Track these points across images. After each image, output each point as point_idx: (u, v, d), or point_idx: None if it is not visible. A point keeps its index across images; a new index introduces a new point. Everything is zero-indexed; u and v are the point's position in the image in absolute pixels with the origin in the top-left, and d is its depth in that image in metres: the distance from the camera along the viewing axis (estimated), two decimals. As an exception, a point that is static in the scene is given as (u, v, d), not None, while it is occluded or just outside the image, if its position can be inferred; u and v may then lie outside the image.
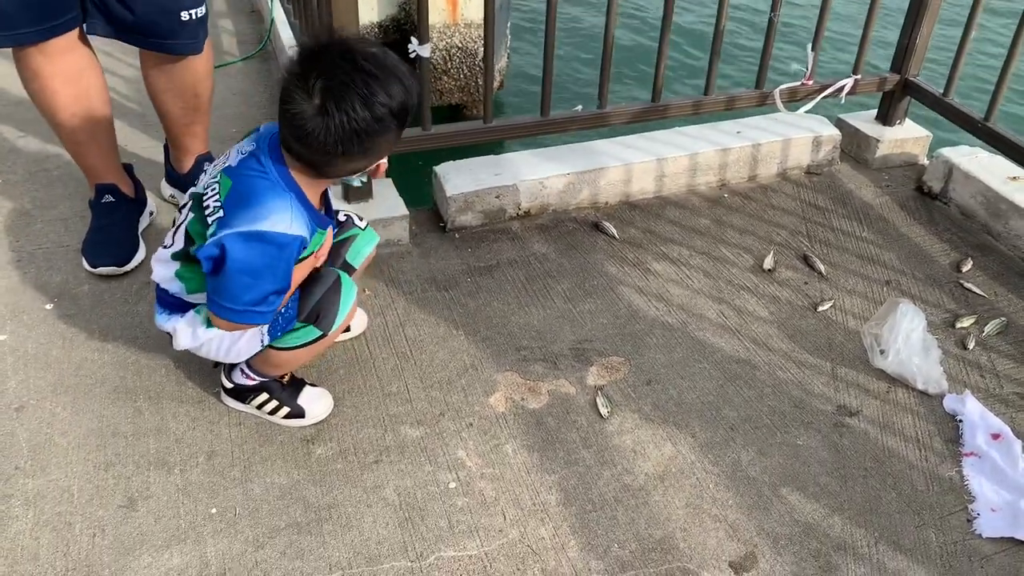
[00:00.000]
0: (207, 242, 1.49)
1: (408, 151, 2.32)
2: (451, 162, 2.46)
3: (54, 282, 2.11)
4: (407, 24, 5.60)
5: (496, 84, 5.72)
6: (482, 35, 5.25)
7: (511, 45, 6.15)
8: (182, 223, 1.60)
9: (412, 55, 2.15)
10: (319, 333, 1.64)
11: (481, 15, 5.36)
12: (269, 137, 1.52)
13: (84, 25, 1.95)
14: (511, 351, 1.99)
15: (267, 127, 1.56)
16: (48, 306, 2.03)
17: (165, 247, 1.65)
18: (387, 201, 2.30)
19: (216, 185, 1.52)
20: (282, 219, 1.48)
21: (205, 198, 1.53)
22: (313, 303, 1.62)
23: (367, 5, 5.33)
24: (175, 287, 1.65)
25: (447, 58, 5.46)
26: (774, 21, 2.46)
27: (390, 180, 2.39)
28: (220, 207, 1.49)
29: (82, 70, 2.02)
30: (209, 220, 1.50)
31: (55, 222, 2.31)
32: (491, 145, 2.61)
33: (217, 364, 1.78)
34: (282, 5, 3.05)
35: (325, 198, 1.66)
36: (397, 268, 2.23)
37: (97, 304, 2.04)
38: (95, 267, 2.10)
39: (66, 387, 1.81)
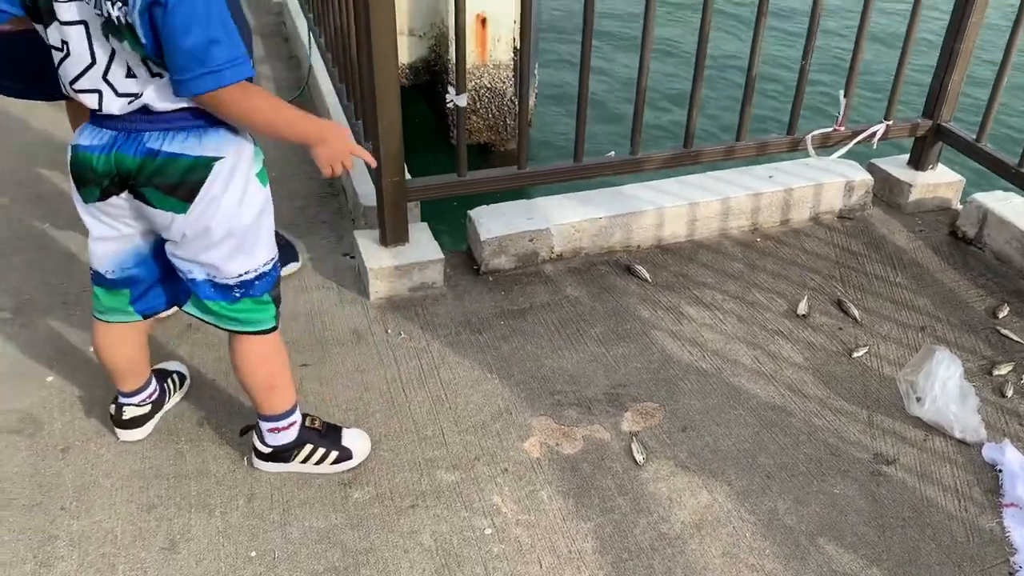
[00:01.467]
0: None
1: (444, 197, 2.36)
2: (485, 206, 2.49)
3: (99, 324, 2.15)
4: (437, 65, 5.71)
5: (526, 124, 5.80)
6: (511, 75, 5.37)
7: (539, 83, 6.24)
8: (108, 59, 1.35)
9: (449, 104, 2.19)
10: (273, 323, 1.63)
11: (509, 56, 5.47)
12: None
13: None
14: (545, 395, 2.00)
15: None
16: (92, 348, 2.08)
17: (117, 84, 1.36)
18: (422, 245, 2.34)
19: None
20: None
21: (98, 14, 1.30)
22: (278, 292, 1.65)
23: (399, 48, 5.44)
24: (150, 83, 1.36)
25: (476, 98, 5.55)
26: (805, 68, 2.48)
27: (425, 224, 2.43)
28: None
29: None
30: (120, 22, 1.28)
31: (100, 264, 2.37)
32: (524, 189, 2.65)
33: (245, 432, 1.79)
34: (320, 52, 3.13)
35: None
36: (432, 311, 2.26)
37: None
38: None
39: (110, 429, 1.85)
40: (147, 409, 1.83)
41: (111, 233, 1.54)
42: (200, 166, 1.42)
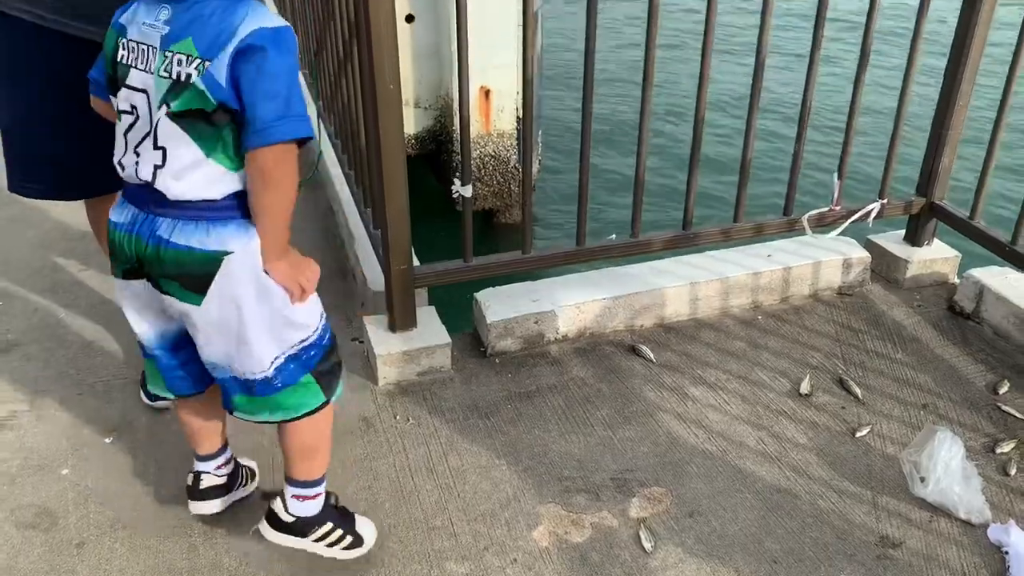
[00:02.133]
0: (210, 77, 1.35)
1: (451, 282, 2.42)
2: (491, 289, 2.55)
3: (114, 415, 2.20)
4: (442, 135, 5.86)
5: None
6: (515, 143, 5.49)
7: (542, 152, 6.38)
8: (151, 128, 1.42)
9: (455, 195, 2.27)
10: (323, 400, 1.64)
11: (512, 126, 5.58)
12: None
13: None
14: (553, 481, 2.03)
15: None
16: (107, 439, 2.12)
17: (156, 167, 1.42)
18: (430, 330, 2.39)
19: (170, 56, 1.38)
20: (264, 15, 1.39)
21: (164, 77, 1.38)
22: (334, 360, 1.66)
23: (404, 119, 5.59)
24: (205, 177, 1.42)
25: (481, 166, 5.68)
26: (799, 152, 2.56)
27: (433, 308, 2.48)
28: (198, 58, 1.36)
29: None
30: (190, 79, 1.36)
31: (115, 354, 2.42)
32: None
33: (269, 499, 1.83)
34: (329, 139, 3.23)
35: None
36: (440, 396, 2.30)
37: (154, 437, 2.13)
38: (153, 401, 2.19)
39: (124, 523, 1.88)
40: (223, 480, 1.83)
41: (138, 310, 1.59)
42: (208, 260, 1.45)
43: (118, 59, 1.44)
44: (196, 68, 1.36)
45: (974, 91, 2.59)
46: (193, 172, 1.41)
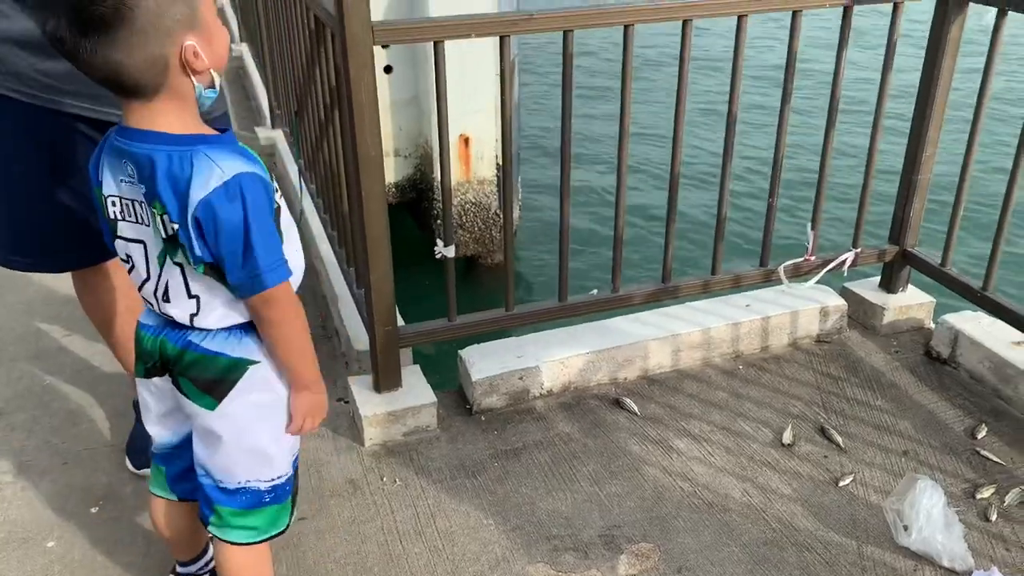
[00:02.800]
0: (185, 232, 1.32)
1: (435, 341, 2.44)
2: (475, 346, 2.57)
3: (99, 484, 2.19)
4: (422, 183, 5.92)
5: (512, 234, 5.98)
6: (495, 190, 5.55)
7: (523, 202, 6.45)
8: (159, 274, 1.41)
9: (439, 256, 2.30)
10: (285, 525, 1.61)
11: (492, 172, 5.64)
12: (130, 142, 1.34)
13: None
14: (541, 540, 2.04)
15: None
16: (94, 509, 2.11)
17: (165, 301, 1.42)
18: (416, 389, 2.41)
19: (156, 215, 1.34)
20: (209, 174, 1.30)
21: (159, 233, 1.36)
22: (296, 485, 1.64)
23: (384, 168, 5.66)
24: (239, 310, 1.43)
25: (462, 213, 5.74)
26: (773, 205, 2.62)
27: (418, 367, 2.50)
28: (174, 222, 1.32)
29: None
30: (179, 238, 1.34)
31: (100, 421, 2.42)
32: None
33: None
34: (311, 198, 3.26)
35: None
36: (427, 455, 2.31)
37: (141, 506, 2.12)
38: (139, 468, 2.19)
39: (112, 596, 1.87)
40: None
41: (155, 409, 1.58)
42: (234, 367, 1.45)
43: (109, 215, 1.41)
44: (176, 229, 1.33)
45: (941, 137, 2.67)
46: (228, 308, 1.42)
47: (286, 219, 1.45)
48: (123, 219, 1.40)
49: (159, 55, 1.26)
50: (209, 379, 1.45)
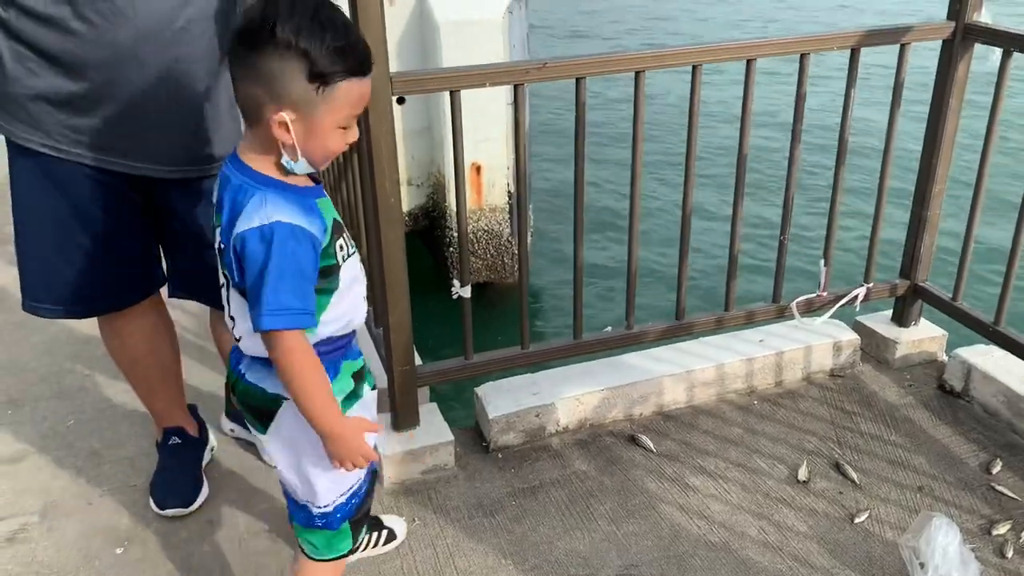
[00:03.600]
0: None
1: (452, 380, 2.48)
2: (491, 383, 2.60)
3: (123, 524, 2.23)
4: (435, 211, 5.98)
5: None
6: (507, 217, 5.59)
7: (533, 224, 6.50)
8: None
9: (455, 296, 2.34)
10: (349, 547, 1.71)
11: (504, 200, 5.69)
12: (228, 158, 1.50)
13: (168, 287, 2.16)
14: (560, 580, 2.06)
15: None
16: (119, 550, 2.15)
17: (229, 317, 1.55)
18: (433, 428, 2.44)
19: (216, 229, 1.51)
20: (257, 214, 1.39)
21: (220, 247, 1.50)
22: (365, 509, 1.73)
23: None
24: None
25: (475, 240, 5.79)
26: (784, 242, 2.65)
27: (435, 405, 2.53)
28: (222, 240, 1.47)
29: (157, 327, 2.22)
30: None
31: (123, 461, 2.46)
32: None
33: None
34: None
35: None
36: (444, 494, 2.33)
37: (165, 546, 2.15)
38: (163, 508, 2.22)
39: (138, 638, 1.90)
40: None
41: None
42: (269, 400, 1.54)
43: None
44: (221, 247, 1.47)
45: (951, 172, 2.70)
46: (256, 335, 1.47)
47: (350, 275, 1.52)
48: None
49: (259, 99, 1.38)
50: (256, 407, 1.57)
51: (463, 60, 4.62)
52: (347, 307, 1.54)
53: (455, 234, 5.62)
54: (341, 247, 1.50)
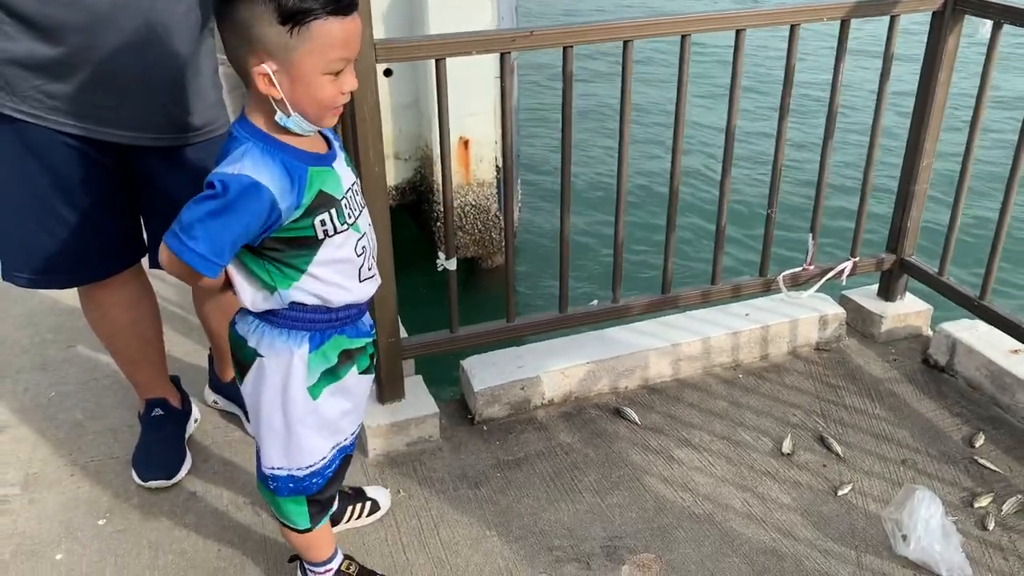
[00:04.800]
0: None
1: (438, 352, 2.46)
2: (477, 356, 2.60)
3: (106, 496, 2.21)
4: (422, 185, 5.94)
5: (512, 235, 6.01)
6: (495, 192, 5.57)
7: (521, 199, 6.47)
8: None
9: (440, 268, 2.33)
10: (307, 527, 1.73)
11: (492, 175, 5.66)
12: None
13: (148, 259, 2.13)
14: (543, 552, 2.06)
15: None
16: (101, 521, 2.13)
17: None
18: (418, 400, 2.43)
19: None
20: (232, 163, 1.40)
21: None
22: (329, 493, 1.73)
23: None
24: (248, 293, 1.54)
25: (462, 215, 5.75)
26: (771, 216, 2.64)
27: (420, 378, 2.52)
28: None
29: (139, 298, 2.20)
30: None
31: (106, 433, 2.44)
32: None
33: (293, 560, 1.90)
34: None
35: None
36: (429, 466, 2.33)
37: (147, 517, 2.14)
38: (145, 481, 2.21)
39: (120, 609, 1.89)
40: None
41: None
42: (248, 353, 1.57)
43: None
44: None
45: (938, 146, 2.69)
46: (243, 287, 1.51)
47: (330, 255, 1.50)
48: None
49: (240, 54, 1.36)
50: (237, 359, 1.60)
51: (451, 31, 4.57)
52: (321, 287, 1.51)
53: (442, 207, 5.60)
54: (323, 222, 1.46)
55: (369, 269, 1.60)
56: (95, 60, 1.77)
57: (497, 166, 5.64)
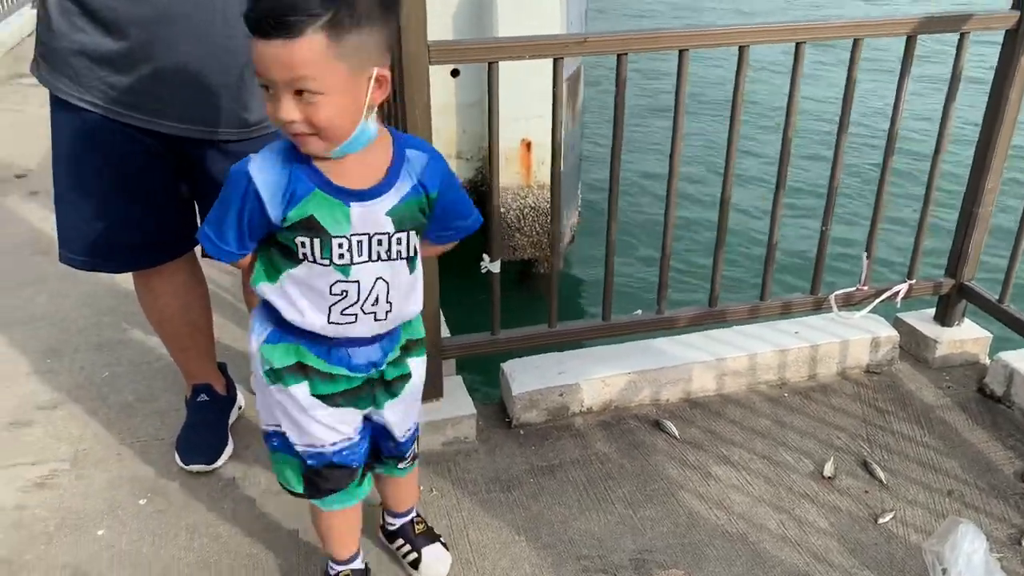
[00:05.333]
0: None
1: (478, 354, 2.47)
2: (517, 360, 2.60)
3: (149, 476, 2.28)
4: (483, 186, 5.97)
5: (568, 240, 6.00)
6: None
7: (582, 196, 6.45)
8: None
9: (484, 271, 2.33)
10: (300, 490, 1.73)
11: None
12: None
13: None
14: (571, 560, 2.05)
15: None
16: (142, 501, 2.20)
17: None
18: (456, 400, 2.44)
19: None
20: (253, 156, 1.44)
21: None
22: (327, 474, 1.70)
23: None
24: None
25: (521, 217, 5.77)
26: (826, 232, 2.58)
27: (460, 379, 2.53)
28: None
29: (190, 286, 2.25)
30: None
31: (154, 415, 2.51)
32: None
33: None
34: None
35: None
36: (463, 467, 2.34)
37: (187, 501, 2.20)
38: (187, 464, 2.27)
39: (154, 588, 1.94)
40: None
41: None
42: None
43: None
44: None
45: (1005, 170, 2.60)
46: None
47: (305, 277, 1.49)
48: None
49: None
50: None
51: (519, 34, 4.58)
52: (282, 299, 1.52)
53: (501, 209, 5.62)
54: (303, 244, 1.44)
55: (344, 314, 1.51)
56: (156, 54, 1.82)
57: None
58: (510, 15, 5.05)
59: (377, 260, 1.49)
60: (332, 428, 1.64)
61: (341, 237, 1.44)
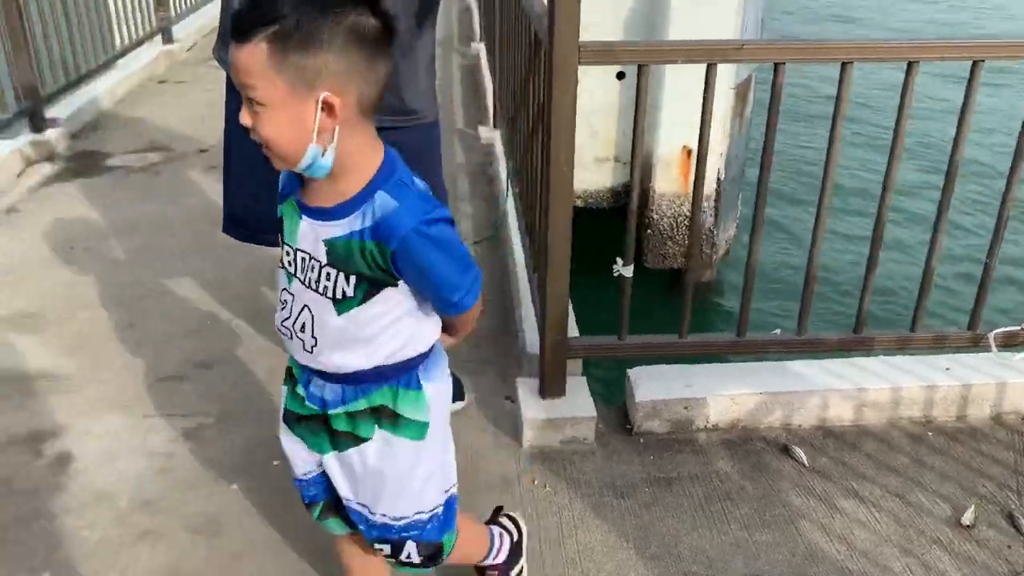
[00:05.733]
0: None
1: (603, 357, 2.47)
2: (644, 367, 2.57)
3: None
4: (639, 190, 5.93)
5: (722, 252, 5.87)
6: (713, 205, 5.46)
7: (741, 215, 6.28)
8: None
9: (616, 274, 2.33)
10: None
11: (712, 188, 5.56)
12: None
13: None
14: (678, 575, 2.01)
15: None
16: (275, 463, 2.33)
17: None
18: (578, 400, 2.44)
19: None
20: None
21: None
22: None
23: (603, 172, 5.75)
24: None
25: (674, 225, 5.70)
26: (990, 266, 2.41)
27: (584, 380, 2.54)
28: None
29: None
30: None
31: (294, 383, 2.66)
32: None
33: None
34: (515, 202, 3.38)
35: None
36: (579, 467, 2.34)
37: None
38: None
39: (277, 542, 2.06)
40: None
41: None
42: None
43: None
44: None
45: None
46: None
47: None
48: None
49: None
50: None
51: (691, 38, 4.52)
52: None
53: (655, 215, 5.57)
54: (279, 239, 1.50)
55: (283, 325, 1.50)
56: None
57: (719, 178, 5.53)
58: (684, 18, 4.97)
59: (308, 286, 1.42)
60: (291, 454, 1.62)
61: (289, 247, 1.45)
